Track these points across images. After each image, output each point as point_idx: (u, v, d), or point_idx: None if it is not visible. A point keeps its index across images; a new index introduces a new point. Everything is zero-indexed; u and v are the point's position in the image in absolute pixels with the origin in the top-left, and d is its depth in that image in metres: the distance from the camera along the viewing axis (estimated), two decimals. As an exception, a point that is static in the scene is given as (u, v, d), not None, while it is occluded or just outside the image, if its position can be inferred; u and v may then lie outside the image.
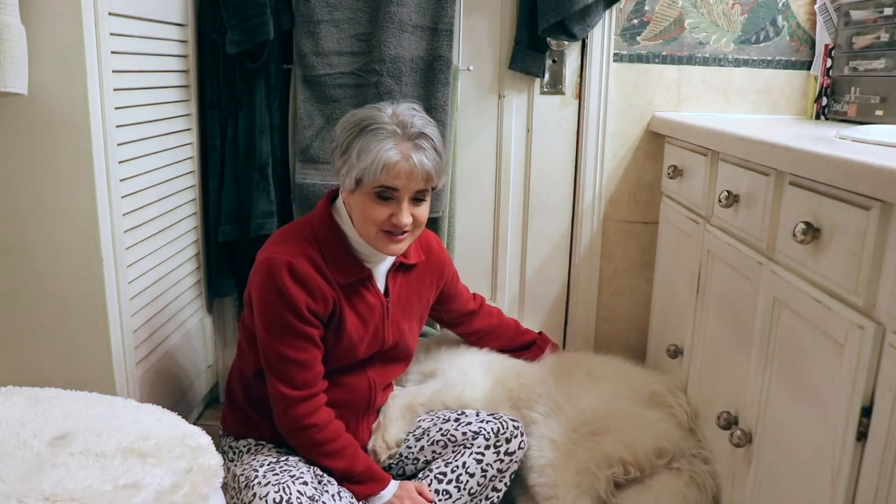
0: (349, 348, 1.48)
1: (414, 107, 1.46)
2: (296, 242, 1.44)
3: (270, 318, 1.40)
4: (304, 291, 1.39)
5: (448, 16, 1.91)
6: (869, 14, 1.78)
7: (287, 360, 1.41)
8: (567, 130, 2.10)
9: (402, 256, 1.56)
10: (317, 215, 1.50)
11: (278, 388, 1.42)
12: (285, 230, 1.51)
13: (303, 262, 1.41)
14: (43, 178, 1.39)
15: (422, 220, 1.46)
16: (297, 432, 1.44)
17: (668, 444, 1.57)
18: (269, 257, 1.41)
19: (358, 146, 1.39)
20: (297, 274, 1.39)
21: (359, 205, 1.42)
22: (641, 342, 2.18)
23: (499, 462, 1.57)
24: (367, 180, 1.39)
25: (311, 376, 1.43)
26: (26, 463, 1.04)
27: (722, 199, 1.46)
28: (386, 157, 1.37)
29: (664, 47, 2.05)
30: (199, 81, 1.91)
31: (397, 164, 1.38)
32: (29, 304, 1.45)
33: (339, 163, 1.44)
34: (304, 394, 1.42)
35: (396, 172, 1.38)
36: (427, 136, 1.42)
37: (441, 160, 1.44)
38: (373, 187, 1.40)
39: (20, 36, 1.22)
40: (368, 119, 1.41)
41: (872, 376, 0.99)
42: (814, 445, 1.13)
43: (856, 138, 1.28)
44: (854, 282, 1.03)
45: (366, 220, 1.42)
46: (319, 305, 1.41)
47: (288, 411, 1.42)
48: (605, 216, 2.14)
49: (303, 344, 1.41)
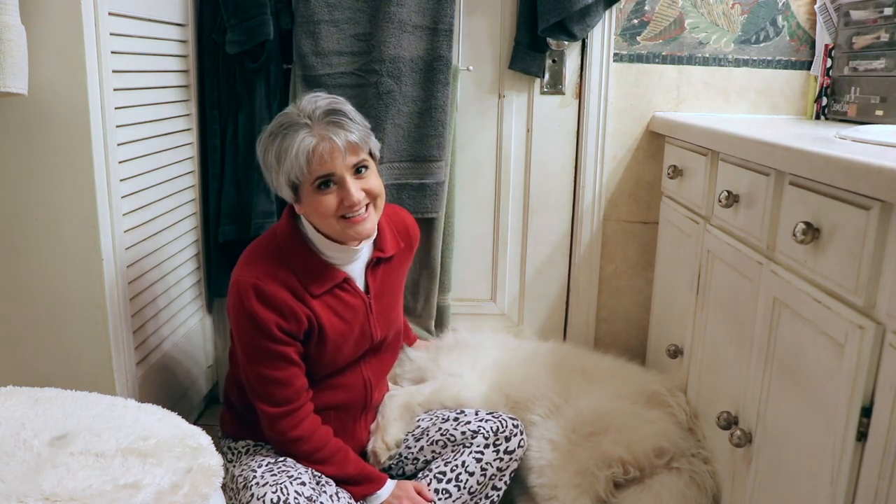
0: (334, 354, 1.47)
1: (317, 94, 1.42)
2: (263, 262, 1.41)
3: (245, 341, 1.40)
4: (274, 313, 1.37)
5: (448, 16, 1.91)
6: (869, 14, 1.78)
7: (266, 379, 1.40)
8: (567, 130, 2.11)
9: (379, 251, 1.52)
10: (281, 230, 1.46)
11: (260, 407, 1.42)
12: (254, 248, 1.46)
13: (269, 283, 1.37)
14: (43, 178, 1.39)
15: (375, 190, 1.41)
16: (284, 445, 1.45)
17: (668, 444, 1.57)
18: (237, 280, 1.39)
19: (274, 152, 1.37)
20: (265, 296, 1.37)
21: (309, 206, 1.39)
22: (641, 342, 2.18)
23: (498, 461, 1.57)
24: (301, 178, 1.36)
25: (291, 392, 1.42)
26: (26, 463, 1.04)
27: (722, 199, 1.46)
28: (304, 146, 1.33)
29: (664, 47, 2.05)
30: (199, 81, 1.91)
31: (317, 149, 1.34)
32: (29, 304, 1.45)
33: (270, 178, 1.41)
34: (285, 410, 1.41)
35: (320, 157, 1.34)
36: (336, 111, 1.38)
37: (361, 126, 1.40)
38: (310, 183, 1.36)
39: (20, 36, 1.22)
40: (276, 126, 1.39)
41: (872, 376, 0.99)
42: (814, 445, 1.13)
43: (856, 138, 1.28)
44: (854, 282, 1.03)
45: (323, 217, 1.39)
46: (292, 324, 1.39)
47: (273, 427, 1.43)
48: (605, 216, 2.14)
49: (279, 363, 1.40)
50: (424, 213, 1.98)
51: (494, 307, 2.22)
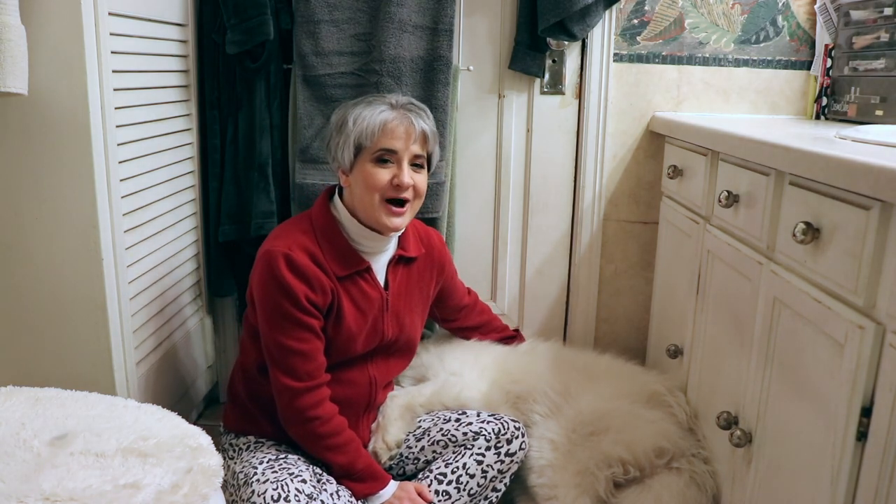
0: (348, 340, 1.49)
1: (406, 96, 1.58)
2: (294, 235, 1.46)
3: (271, 309, 1.42)
4: (303, 282, 1.41)
5: (448, 16, 1.91)
6: (869, 14, 1.78)
7: (289, 350, 1.41)
8: (567, 130, 2.11)
9: (402, 249, 1.58)
10: (315, 210, 1.53)
11: (281, 380, 1.42)
12: (285, 225, 1.54)
13: (300, 253, 1.42)
14: (43, 178, 1.39)
15: (421, 189, 1.51)
16: (300, 424, 1.44)
17: (668, 444, 1.57)
18: (268, 250, 1.43)
19: (353, 115, 1.47)
20: (295, 265, 1.41)
21: (359, 175, 1.46)
22: (641, 342, 2.18)
23: (499, 463, 1.57)
24: (367, 143, 1.45)
25: (313, 367, 1.43)
26: (26, 463, 1.04)
27: (722, 199, 1.46)
28: (382, 117, 1.46)
29: (664, 47, 2.05)
30: (199, 81, 1.91)
31: (393, 122, 1.46)
32: (29, 304, 1.45)
33: (337, 139, 1.49)
34: (307, 385, 1.42)
35: (392, 131, 1.45)
36: (418, 106, 1.52)
37: (434, 129, 1.53)
38: (372, 152, 1.45)
39: (20, 36, 1.22)
40: (360, 98, 1.54)
41: (872, 376, 0.99)
42: (814, 445, 1.13)
43: (856, 138, 1.28)
44: (854, 282, 1.03)
45: (368, 189, 1.45)
46: (318, 296, 1.43)
47: (292, 403, 1.42)
48: (605, 216, 2.14)
49: (304, 334, 1.42)
50: (425, 212, 1.97)
51: (494, 307, 2.22)
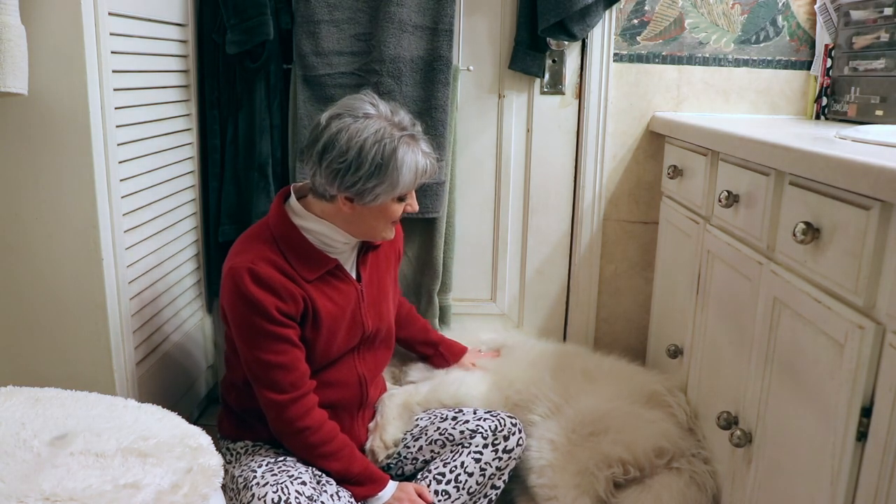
0: (330, 340, 1.48)
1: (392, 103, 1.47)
2: (255, 247, 1.42)
3: (245, 327, 1.39)
4: (271, 294, 1.38)
5: (448, 16, 1.91)
6: (869, 14, 1.78)
7: (269, 365, 1.40)
8: (567, 130, 2.11)
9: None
10: (273, 218, 1.46)
11: (266, 395, 1.41)
12: (244, 238, 1.48)
13: (264, 266, 1.39)
14: (43, 178, 1.39)
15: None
16: (291, 436, 1.43)
17: (668, 444, 1.57)
18: (231, 267, 1.40)
19: (391, 165, 1.37)
20: (261, 278, 1.37)
21: (377, 210, 1.43)
22: (641, 342, 2.18)
23: (497, 460, 1.57)
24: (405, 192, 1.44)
25: (295, 377, 1.42)
26: (26, 463, 1.04)
27: (722, 199, 1.46)
28: (419, 166, 1.42)
29: (664, 47, 2.05)
30: (199, 81, 1.91)
31: (427, 170, 1.45)
32: (29, 304, 1.45)
33: (372, 182, 1.37)
34: (292, 396, 1.41)
35: (422, 175, 1.44)
36: (416, 125, 1.47)
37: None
38: (401, 192, 1.44)
39: (20, 36, 1.22)
40: (381, 133, 1.37)
41: (872, 376, 0.99)
42: (814, 445, 1.13)
43: (856, 138, 1.28)
44: (854, 282, 1.03)
45: (383, 219, 1.45)
46: (289, 305, 1.40)
47: (280, 416, 1.42)
48: (605, 216, 2.14)
49: (281, 346, 1.40)
50: (425, 212, 1.98)
51: (494, 307, 2.22)
